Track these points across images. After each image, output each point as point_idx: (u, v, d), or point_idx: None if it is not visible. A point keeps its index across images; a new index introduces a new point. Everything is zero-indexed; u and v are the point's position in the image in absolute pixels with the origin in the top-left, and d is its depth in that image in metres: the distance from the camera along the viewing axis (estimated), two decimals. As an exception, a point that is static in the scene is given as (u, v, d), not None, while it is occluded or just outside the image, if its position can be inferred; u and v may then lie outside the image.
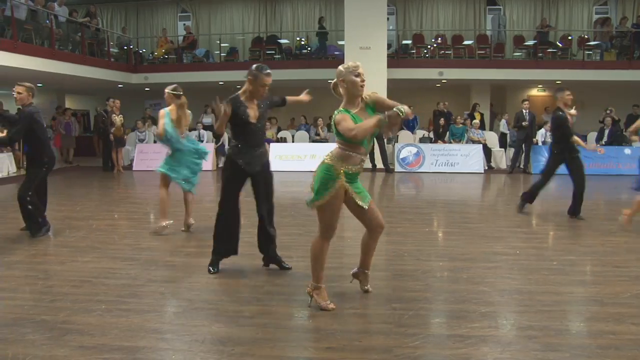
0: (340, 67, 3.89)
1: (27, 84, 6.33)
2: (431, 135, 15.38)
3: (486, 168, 14.11)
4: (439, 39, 17.71)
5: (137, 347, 3.34)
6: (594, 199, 10.16)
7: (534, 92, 19.82)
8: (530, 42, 17.48)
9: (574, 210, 7.57)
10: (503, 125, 15.77)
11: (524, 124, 13.44)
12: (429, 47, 17.66)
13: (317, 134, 15.66)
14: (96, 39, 16.64)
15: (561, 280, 4.70)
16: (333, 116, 3.85)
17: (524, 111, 13.56)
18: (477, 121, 15.06)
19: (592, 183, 11.86)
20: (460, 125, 14.78)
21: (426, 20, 19.14)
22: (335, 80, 3.95)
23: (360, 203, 3.89)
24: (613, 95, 17.10)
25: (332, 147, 3.95)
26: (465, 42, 17.52)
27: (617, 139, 14.37)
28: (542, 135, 14.29)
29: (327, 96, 4.32)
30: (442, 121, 15.00)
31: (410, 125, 15.89)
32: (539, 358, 3.20)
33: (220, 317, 3.83)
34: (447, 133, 14.83)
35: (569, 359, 3.21)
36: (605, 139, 14.38)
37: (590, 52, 17.05)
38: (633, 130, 7.05)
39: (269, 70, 4.64)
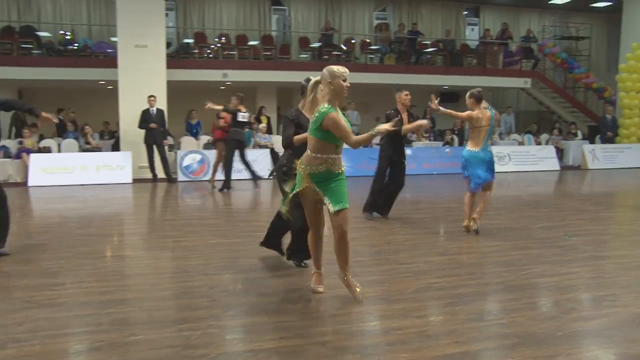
0: (333, 69, 4.26)
1: None
2: (216, 140, 15.42)
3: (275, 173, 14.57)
4: (222, 38, 17.89)
5: None
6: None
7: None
8: (316, 45, 18.58)
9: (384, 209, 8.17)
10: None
11: None
12: (212, 46, 17.73)
13: (88, 143, 14.67)
14: None
15: (351, 282, 5.03)
16: (318, 113, 4.20)
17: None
18: (264, 125, 15.52)
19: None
20: (247, 129, 15.05)
21: (208, 18, 19.21)
22: (317, 79, 4.39)
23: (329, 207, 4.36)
24: (393, 98, 19.00)
25: (102, 155, 3.72)
26: (250, 43, 17.98)
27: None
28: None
29: (103, 99, 4.06)
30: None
31: (193, 131, 15.76)
32: (331, 363, 3.38)
33: (-36, 367, 3.36)
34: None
35: (361, 359, 3.45)
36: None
37: (372, 56, 18.74)
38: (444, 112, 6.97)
39: None
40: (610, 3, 20.66)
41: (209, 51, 17.67)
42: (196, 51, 17.45)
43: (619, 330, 3.92)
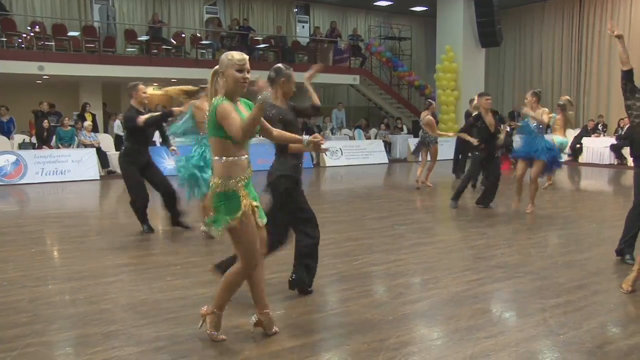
0: (224, 56, 3.54)
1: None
2: (34, 140, 14.29)
3: (102, 174, 13.88)
4: (36, 27, 16.49)
5: None
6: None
7: (150, 90, 20.37)
8: (144, 38, 17.88)
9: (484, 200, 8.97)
10: (118, 127, 15.77)
11: None
12: (24, 35, 16.29)
13: None
14: None
15: (186, 283, 4.95)
16: (211, 108, 3.46)
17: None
18: (89, 123, 14.66)
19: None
20: (69, 127, 14.14)
21: (17, 2, 17.58)
22: (216, 67, 3.59)
23: (258, 221, 3.63)
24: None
25: None
26: (70, 34, 16.81)
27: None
28: (159, 136, 14.78)
29: None
30: (45, 123, 14.08)
31: (5, 129, 14.43)
32: (167, 369, 3.30)
33: None
34: (54, 137, 14.00)
35: (197, 362, 3.40)
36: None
37: (204, 51, 18.46)
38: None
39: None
40: (426, 8, 22.40)
41: (20, 40, 16.19)
42: (4, 39, 15.88)
43: (440, 310, 4.28)
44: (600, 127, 17.87)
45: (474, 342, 3.68)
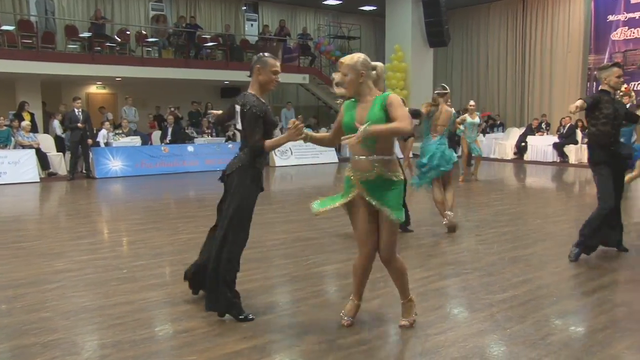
0: (365, 58, 3.76)
1: None
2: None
3: (42, 176, 13.45)
4: (-34, 20, 15.81)
5: None
6: (162, 197, 10.89)
7: (93, 89, 19.88)
8: (86, 35, 17.40)
9: None
10: (58, 127, 15.31)
11: (79, 125, 13.33)
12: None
13: None
14: None
15: (132, 288, 4.83)
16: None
17: (76, 111, 13.46)
18: (27, 122, 14.18)
19: (158, 182, 12.73)
20: (5, 127, 13.64)
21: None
22: (357, 70, 3.70)
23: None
24: (173, 93, 18.65)
25: None
26: (4, 28, 16.19)
27: (181, 136, 15.71)
28: (104, 136, 14.45)
29: None
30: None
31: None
32: (111, 377, 3.21)
33: None
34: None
35: (144, 369, 3.33)
36: (169, 137, 15.54)
37: (150, 49, 18.12)
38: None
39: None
40: (375, 8, 22.61)
41: (-53, 34, 15.47)
42: None
43: (391, 308, 4.31)
44: (543, 125, 18.39)
45: (424, 338, 3.72)
